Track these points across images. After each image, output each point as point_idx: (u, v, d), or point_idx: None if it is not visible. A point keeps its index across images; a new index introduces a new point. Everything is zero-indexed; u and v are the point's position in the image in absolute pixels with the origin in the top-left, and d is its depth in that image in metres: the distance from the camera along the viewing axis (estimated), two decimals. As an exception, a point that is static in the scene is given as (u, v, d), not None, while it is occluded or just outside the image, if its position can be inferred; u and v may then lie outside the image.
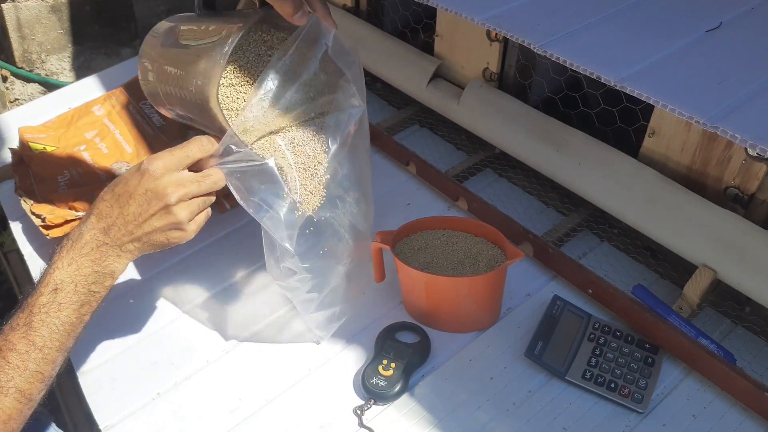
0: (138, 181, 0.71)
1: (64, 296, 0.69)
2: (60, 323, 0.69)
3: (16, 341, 0.67)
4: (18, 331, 0.68)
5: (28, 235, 1.06)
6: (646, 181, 0.90)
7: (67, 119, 1.25)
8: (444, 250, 0.88)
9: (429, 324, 0.87)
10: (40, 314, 0.68)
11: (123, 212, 0.71)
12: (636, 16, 0.94)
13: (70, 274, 0.70)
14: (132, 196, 0.71)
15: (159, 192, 0.71)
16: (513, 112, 1.06)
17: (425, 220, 0.91)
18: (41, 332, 0.68)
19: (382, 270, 0.91)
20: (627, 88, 0.79)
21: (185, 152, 0.73)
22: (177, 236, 0.74)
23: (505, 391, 0.80)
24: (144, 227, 0.72)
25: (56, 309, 0.69)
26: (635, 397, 0.78)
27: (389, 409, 0.79)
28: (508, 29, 0.91)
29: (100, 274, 0.71)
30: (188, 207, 0.73)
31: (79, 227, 0.72)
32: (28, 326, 0.68)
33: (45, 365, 0.68)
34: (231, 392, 0.82)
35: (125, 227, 0.71)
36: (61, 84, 2.20)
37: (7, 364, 0.66)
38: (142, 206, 0.71)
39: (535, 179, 1.09)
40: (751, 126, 0.72)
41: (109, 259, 0.72)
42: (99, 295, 0.72)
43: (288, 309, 0.92)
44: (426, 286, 0.86)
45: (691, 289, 0.85)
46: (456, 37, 1.14)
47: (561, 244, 0.98)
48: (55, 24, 2.32)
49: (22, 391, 0.67)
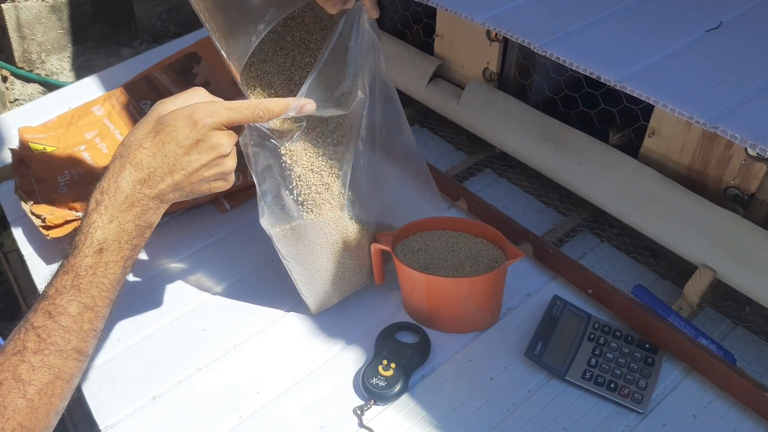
0: (189, 132, 0.67)
1: (110, 255, 0.68)
2: (108, 282, 0.68)
3: (66, 304, 0.66)
4: (65, 294, 0.67)
5: (28, 235, 1.06)
6: (646, 181, 0.90)
7: (67, 119, 1.25)
8: (444, 250, 0.88)
9: (429, 325, 0.87)
10: (87, 276, 0.67)
11: (168, 162, 0.68)
12: (636, 16, 0.94)
13: (113, 232, 0.67)
14: (180, 145, 0.67)
15: (214, 143, 0.69)
16: (513, 112, 1.06)
17: (425, 221, 0.90)
18: (91, 293, 0.67)
19: (381, 272, 0.91)
20: (627, 88, 0.79)
21: (241, 117, 0.70)
22: (220, 185, 0.72)
23: (505, 391, 0.80)
24: (192, 177, 0.69)
25: (103, 269, 0.68)
26: (635, 397, 0.78)
27: (389, 409, 0.79)
28: (508, 29, 0.91)
29: (141, 228, 0.69)
30: (235, 156, 0.72)
31: (114, 179, 0.68)
32: (77, 289, 0.67)
33: (97, 322, 0.69)
34: (231, 392, 0.82)
35: (170, 177, 0.68)
36: (61, 84, 2.20)
37: (61, 327, 0.66)
38: (193, 156, 0.68)
39: (535, 179, 1.09)
40: (751, 126, 0.72)
41: (150, 212, 0.69)
42: (140, 247, 0.71)
43: (288, 309, 0.92)
44: (426, 288, 0.85)
45: (691, 289, 0.86)
46: (456, 37, 1.14)
47: (561, 244, 0.98)
48: (55, 24, 2.32)
49: (80, 351, 0.67)
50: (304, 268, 0.85)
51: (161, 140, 0.67)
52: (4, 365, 0.64)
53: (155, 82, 1.32)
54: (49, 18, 2.29)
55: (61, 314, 0.66)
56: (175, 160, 0.68)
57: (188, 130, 0.67)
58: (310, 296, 0.88)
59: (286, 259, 0.85)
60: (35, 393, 0.64)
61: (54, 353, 0.66)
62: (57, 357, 0.66)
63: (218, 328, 0.90)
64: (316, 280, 0.87)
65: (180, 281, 0.98)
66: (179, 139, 0.67)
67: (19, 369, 0.64)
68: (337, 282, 0.88)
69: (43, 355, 0.65)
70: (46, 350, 0.65)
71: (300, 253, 0.84)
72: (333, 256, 0.86)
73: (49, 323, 0.66)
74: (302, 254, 0.84)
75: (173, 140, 0.67)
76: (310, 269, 0.86)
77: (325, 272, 0.86)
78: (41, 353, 0.65)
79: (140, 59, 1.48)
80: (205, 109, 0.68)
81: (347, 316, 0.90)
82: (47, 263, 1.01)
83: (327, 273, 0.87)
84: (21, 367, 0.64)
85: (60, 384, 0.66)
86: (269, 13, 0.74)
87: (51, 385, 0.65)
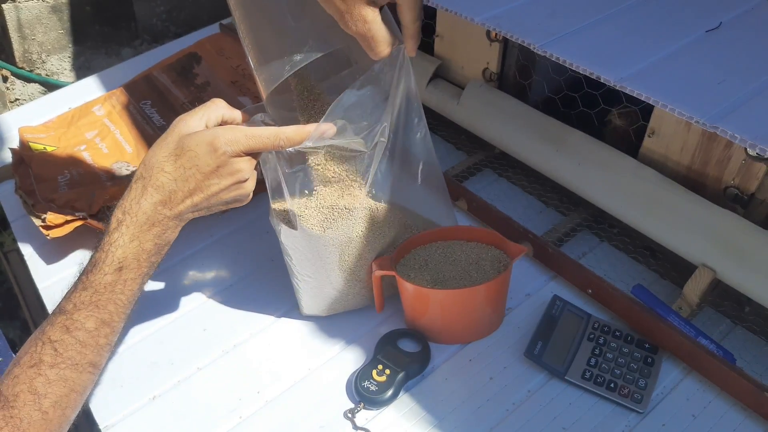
0: (210, 159, 0.70)
1: (129, 273, 0.71)
2: (125, 298, 0.71)
3: (83, 320, 0.69)
4: (84, 310, 0.69)
5: (28, 235, 1.06)
6: (646, 181, 0.90)
7: (67, 119, 1.25)
8: (445, 262, 0.86)
9: (444, 340, 0.85)
10: (106, 293, 0.70)
11: (189, 186, 0.70)
12: (636, 16, 0.94)
13: (133, 251, 0.70)
14: (201, 171, 0.70)
15: (234, 170, 0.71)
16: (513, 112, 1.07)
17: (417, 237, 0.87)
18: (108, 309, 0.70)
19: (382, 299, 0.87)
20: (627, 88, 0.79)
21: (261, 143, 0.72)
22: (236, 204, 0.75)
23: (505, 391, 0.80)
24: (211, 200, 0.72)
25: (122, 286, 0.70)
26: (635, 396, 0.78)
27: (389, 409, 0.79)
28: (508, 29, 0.91)
29: (160, 246, 0.72)
30: (254, 179, 0.75)
31: (136, 200, 0.71)
32: (95, 305, 0.69)
33: (113, 337, 0.72)
34: (231, 392, 0.82)
35: (190, 199, 0.71)
36: (61, 84, 2.20)
37: (78, 342, 0.68)
38: (213, 181, 0.70)
39: (535, 179, 1.09)
40: (751, 126, 0.72)
41: (169, 231, 0.72)
42: (157, 264, 0.74)
43: (288, 309, 0.92)
44: (442, 303, 0.83)
45: (691, 288, 0.86)
46: (456, 38, 1.14)
47: (561, 244, 0.98)
48: (56, 24, 2.32)
49: (94, 364, 0.70)
50: (306, 274, 0.85)
51: (182, 165, 0.70)
52: (20, 377, 0.66)
53: (155, 82, 1.32)
54: (49, 18, 2.29)
55: (78, 329, 0.68)
56: (196, 185, 0.71)
57: (209, 157, 0.70)
58: (306, 299, 0.88)
59: (290, 257, 0.84)
60: (50, 406, 0.65)
61: (70, 367, 0.67)
62: (72, 371, 0.68)
63: (218, 328, 0.90)
64: (316, 288, 0.86)
65: (180, 281, 0.98)
66: (200, 165, 0.70)
67: (36, 382, 0.66)
68: (337, 299, 0.87)
69: (59, 369, 0.67)
70: (62, 364, 0.67)
71: (305, 258, 0.83)
72: (342, 272, 0.84)
73: (66, 338, 0.68)
74: (308, 260, 0.83)
75: (194, 166, 0.70)
76: (313, 277, 0.85)
77: (329, 285, 0.85)
78: (57, 367, 0.67)
79: (140, 59, 1.48)
80: (226, 136, 0.70)
81: (349, 315, 0.90)
82: (47, 263, 1.01)
83: (330, 286, 0.85)
84: (37, 380, 0.66)
85: (74, 397, 0.68)
86: (308, 44, 0.73)
87: (66, 398, 0.67)
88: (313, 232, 0.80)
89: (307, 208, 0.80)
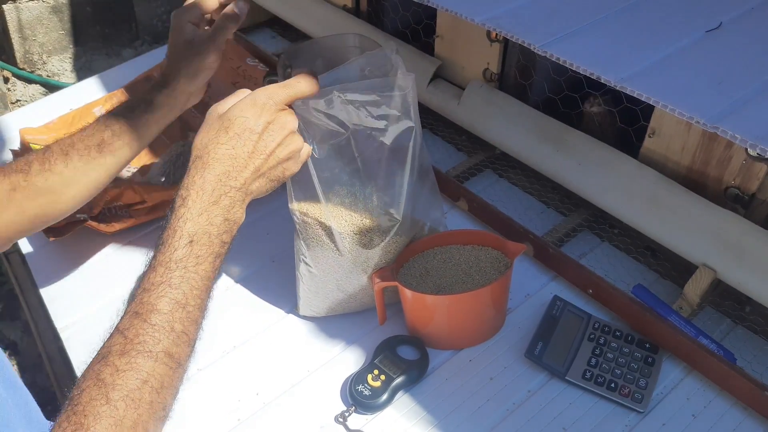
0: (259, 117, 0.69)
1: (200, 248, 0.65)
2: (199, 278, 0.64)
3: (155, 301, 0.61)
4: (154, 291, 0.62)
5: (29, 236, 1.06)
6: (646, 181, 0.90)
7: (68, 120, 1.25)
8: (445, 268, 0.86)
9: (450, 346, 0.85)
10: (178, 269, 0.63)
11: (247, 149, 0.69)
12: (636, 16, 0.94)
13: (203, 225, 0.66)
14: (255, 132, 0.69)
15: (281, 121, 0.71)
16: (513, 113, 1.07)
17: (415, 245, 0.87)
18: (182, 288, 0.63)
19: (384, 311, 0.88)
20: (627, 88, 0.79)
21: (296, 91, 0.73)
22: (290, 167, 0.73)
23: (505, 391, 0.80)
24: (270, 160, 0.70)
25: (194, 262, 0.64)
26: (635, 396, 0.78)
27: (389, 409, 0.79)
28: (508, 30, 0.91)
29: (229, 222, 0.68)
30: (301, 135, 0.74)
31: (199, 175, 0.68)
32: (167, 284, 0.62)
33: (190, 325, 0.63)
34: (230, 394, 0.82)
35: (252, 163, 0.69)
36: (62, 85, 2.21)
37: (151, 326, 0.60)
38: (267, 138, 0.70)
39: (536, 179, 1.09)
40: (751, 126, 0.72)
41: (236, 206, 0.69)
42: (228, 246, 0.69)
43: (288, 311, 0.92)
44: (449, 309, 0.83)
45: (691, 288, 0.86)
46: (456, 38, 1.14)
47: (561, 244, 0.98)
48: (57, 25, 2.33)
49: (171, 355, 0.61)
50: (316, 274, 0.85)
51: (235, 133, 0.69)
52: (87, 374, 0.58)
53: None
54: (50, 19, 2.29)
55: (149, 312, 0.61)
56: (254, 146, 0.69)
57: (257, 116, 0.70)
58: (307, 300, 0.88)
59: (303, 255, 0.84)
60: (119, 399, 0.56)
61: (142, 353, 0.59)
62: (145, 358, 0.59)
63: (218, 329, 0.90)
64: (321, 288, 0.86)
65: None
66: (252, 126, 0.69)
67: (103, 373, 0.57)
68: (340, 301, 0.87)
69: (130, 357, 0.58)
70: (133, 351, 0.59)
71: (319, 257, 0.84)
72: (353, 278, 0.85)
73: (136, 322, 0.60)
74: (324, 261, 0.84)
75: (246, 129, 0.69)
76: (319, 275, 0.85)
77: (334, 286, 0.86)
78: (127, 354, 0.58)
79: (141, 60, 1.48)
80: (264, 93, 0.71)
81: (349, 317, 0.90)
82: (47, 263, 1.01)
83: (337, 289, 0.86)
84: (104, 371, 0.57)
85: (148, 391, 0.58)
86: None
87: (138, 392, 0.57)
88: (352, 250, 0.81)
89: (347, 225, 0.81)
